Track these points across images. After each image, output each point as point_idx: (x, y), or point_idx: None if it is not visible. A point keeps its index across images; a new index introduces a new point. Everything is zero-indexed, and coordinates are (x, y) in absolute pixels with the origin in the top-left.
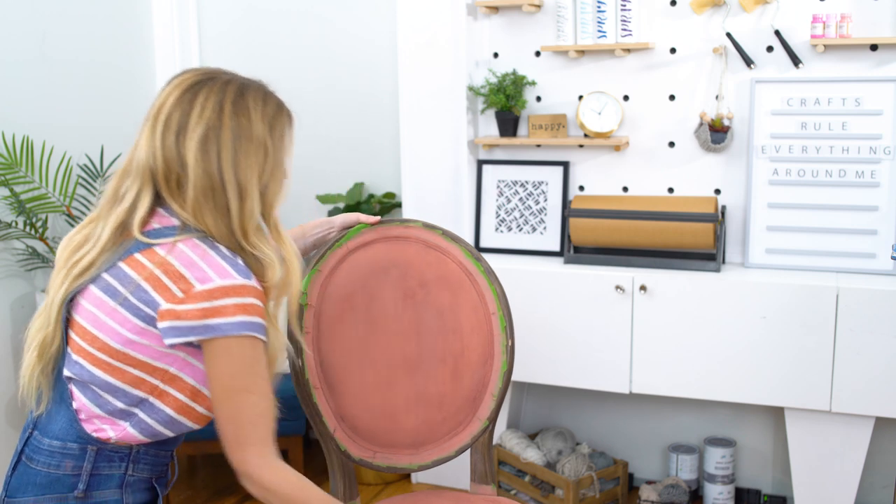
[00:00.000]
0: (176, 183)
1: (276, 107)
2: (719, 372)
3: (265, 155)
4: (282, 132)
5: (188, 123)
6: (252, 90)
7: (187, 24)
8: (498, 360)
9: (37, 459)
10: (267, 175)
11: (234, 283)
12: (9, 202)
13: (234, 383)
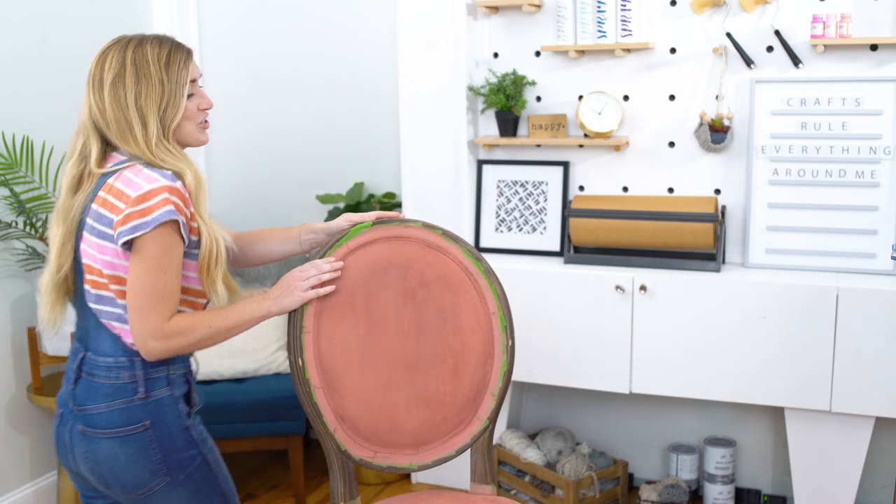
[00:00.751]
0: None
1: (169, 49)
2: (719, 372)
3: (162, 89)
4: (178, 68)
5: (103, 78)
6: (149, 40)
7: (187, 24)
8: (498, 359)
9: (97, 374)
10: (165, 103)
11: (157, 186)
12: (9, 202)
13: (154, 264)
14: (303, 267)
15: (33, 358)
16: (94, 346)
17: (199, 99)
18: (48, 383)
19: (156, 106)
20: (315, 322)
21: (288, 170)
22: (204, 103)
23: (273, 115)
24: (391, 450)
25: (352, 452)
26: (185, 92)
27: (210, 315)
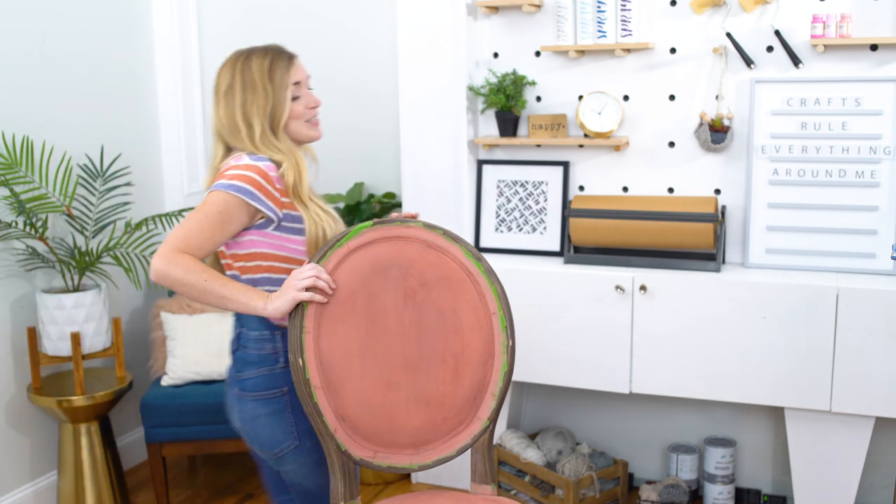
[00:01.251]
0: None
1: (272, 58)
2: (719, 372)
3: (264, 97)
4: (281, 74)
5: (218, 91)
6: (256, 52)
7: (187, 24)
8: (498, 359)
9: (249, 346)
10: (272, 104)
11: (243, 163)
12: (9, 202)
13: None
14: (301, 268)
15: (33, 358)
16: (246, 322)
17: (305, 99)
18: (48, 383)
19: (261, 111)
20: (315, 322)
21: None
22: (311, 102)
23: None
24: (391, 450)
25: (352, 452)
26: (288, 95)
27: (214, 275)
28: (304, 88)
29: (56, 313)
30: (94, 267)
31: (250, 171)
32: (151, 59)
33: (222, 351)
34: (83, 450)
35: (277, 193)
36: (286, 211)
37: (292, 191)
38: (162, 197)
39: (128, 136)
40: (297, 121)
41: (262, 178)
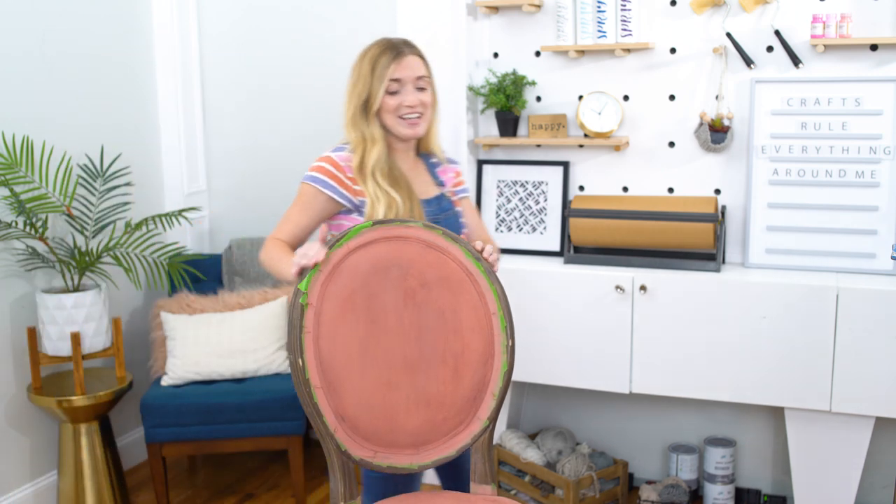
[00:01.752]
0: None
1: (381, 50)
2: (719, 372)
3: (363, 83)
4: (382, 67)
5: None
6: (377, 43)
7: (187, 24)
8: (498, 359)
9: None
10: (367, 92)
11: (323, 155)
12: (9, 202)
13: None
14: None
15: (33, 358)
16: None
17: (403, 97)
18: (48, 383)
19: (357, 96)
20: (315, 322)
21: (288, 170)
22: (408, 101)
23: (273, 115)
24: (391, 450)
25: (352, 452)
26: (382, 88)
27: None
28: (406, 86)
29: (56, 313)
30: (94, 267)
31: (324, 162)
32: (151, 59)
33: (222, 351)
34: (83, 450)
35: (349, 181)
36: (360, 198)
37: (357, 171)
38: (162, 197)
39: (128, 136)
40: (389, 115)
41: (334, 167)
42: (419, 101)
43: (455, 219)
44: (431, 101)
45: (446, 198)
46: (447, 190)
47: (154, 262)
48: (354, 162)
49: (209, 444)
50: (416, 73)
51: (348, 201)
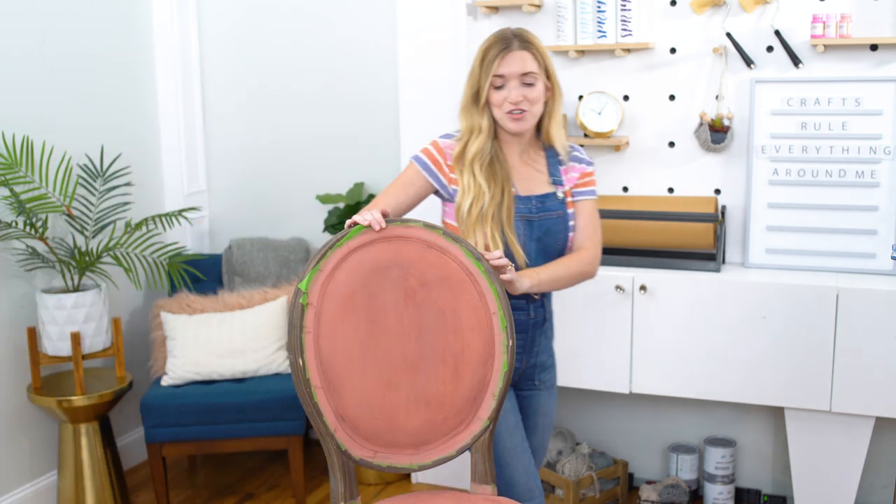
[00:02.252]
0: None
1: (491, 43)
2: (719, 372)
3: (474, 75)
4: (489, 61)
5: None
6: (494, 34)
7: (187, 24)
8: (499, 359)
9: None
10: (477, 84)
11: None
12: (9, 202)
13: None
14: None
15: (33, 358)
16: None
17: (505, 93)
18: (48, 383)
19: (469, 86)
20: (315, 322)
21: (288, 169)
22: (511, 97)
23: (273, 115)
24: (391, 450)
25: (352, 452)
26: (487, 81)
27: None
28: (510, 82)
29: (56, 313)
30: (94, 267)
31: (430, 145)
32: (151, 59)
33: (222, 351)
34: (83, 450)
35: (447, 169)
36: (454, 187)
37: (456, 159)
38: (162, 197)
39: (128, 136)
40: (496, 109)
41: (437, 152)
42: (523, 96)
43: (559, 221)
44: (540, 96)
45: (556, 197)
46: (563, 189)
47: (154, 262)
48: (456, 150)
49: (209, 444)
50: (522, 69)
51: (443, 188)
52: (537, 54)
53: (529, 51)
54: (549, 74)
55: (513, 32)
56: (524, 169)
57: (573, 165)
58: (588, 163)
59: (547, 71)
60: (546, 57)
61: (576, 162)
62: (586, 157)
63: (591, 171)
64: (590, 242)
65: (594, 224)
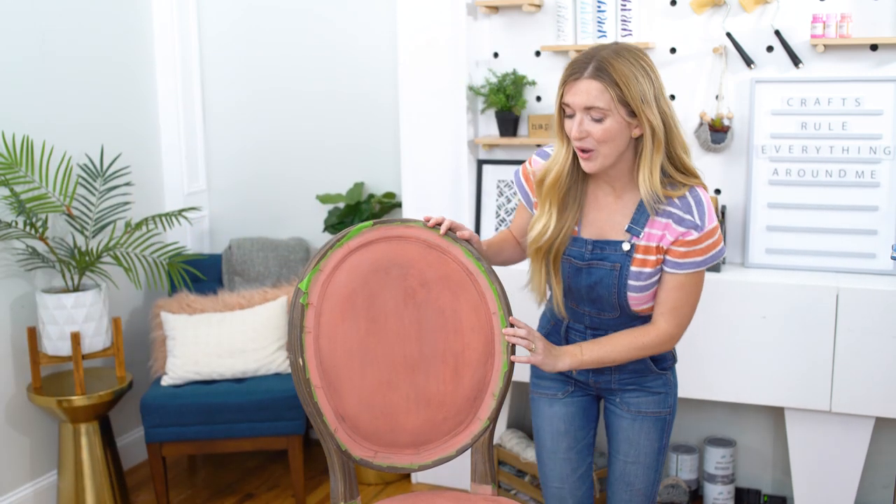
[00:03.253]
0: None
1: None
2: (719, 372)
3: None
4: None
5: None
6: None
7: (187, 24)
8: (499, 359)
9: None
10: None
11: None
12: (9, 202)
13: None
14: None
15: (33, 358)
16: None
17: (571, 124)
18: (48, 383)
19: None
20: (315, 322)
21: (288, 169)
22: (573, 133)
23: (273, 115)
24: (391, 450)
25: (352, 452)
26: (556, 107)
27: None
28: (577, 113)
29: (56, 313)
30: (94, 267)
31: (526, 161)
32: (151, 59)
33: (222, 351)
34: (83, 450)
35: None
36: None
37: (537, 183)
38: (162, 197)
39: (128, 136)
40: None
41: (526, 169)
42: (586, 132)
43: (611, 274)
44: (612, 136)
45: (620, 248)
46: (639, 243)
47: (154, 261)
48: (538, 175)
49: (209, 444)
50: (586, 103)
51: (529, 206)
52: (614, 87)
53: (602, 81)
54: (637, 110)
55: (594, 56)
56: (605, 209)
57: (667, 223)
58: (693, 226)
59: (632, 106)
60: (630, 90)
61: (673, 221)
62: (692, 219)
63: (697, 237)
64: (664, 319)
65: (679, 299)
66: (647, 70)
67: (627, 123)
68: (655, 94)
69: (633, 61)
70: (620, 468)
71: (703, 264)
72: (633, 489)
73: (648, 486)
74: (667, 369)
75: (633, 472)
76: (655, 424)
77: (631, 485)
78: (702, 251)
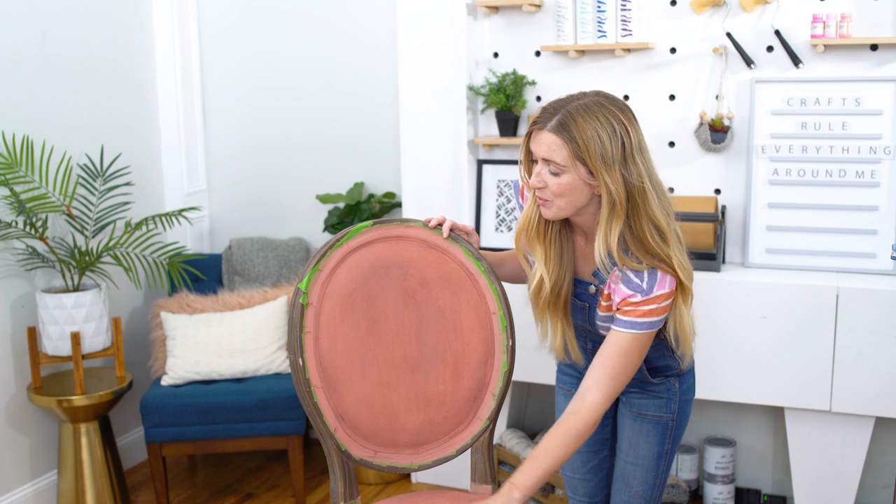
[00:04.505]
0: None
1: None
2: (719, 372)
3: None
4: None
5: None
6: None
7: (187, 24)
8: (499, 359)
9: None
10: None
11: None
12: (9, 202)
13: None
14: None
15: (33, 358)
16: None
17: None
18: (48, 383)
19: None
20: (315, 322)
21: (288, 169)
22: (532, 181)
23: (273, 115)
24: (391, 449)
25: (352, 452)
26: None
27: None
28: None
29: (56, 313)
30: (94, 267)
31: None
32: (151, 59)
33: (222, 351)
34: (83, 450)
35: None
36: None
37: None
38: (162, 197)
39: (128, 136)
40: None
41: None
42: (544, 183)
43: (585, 312)
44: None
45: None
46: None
47: (154, 261)
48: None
49: (209, 444)
50: (544, 155)
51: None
52: (572, 144)
53: (561, 137)
54: (595, 172)
55: (563, 107)
56: (579, 251)
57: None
58: (639, 290)
59: (591, 168)
60: (589, 149)
61: (622, 280)
62: (639, 284)
63: (639, 300)
64: (596, 390)
65: (618, 366)
66: (619, 130)
67: (586, 182)
68: (625, 156)
69: (603, 119)
70: (621, 467)
71: (637, 327)
72: (631, 490)
73: (647, 488)
74: (669, 377)
75: (631, 473)
76: (656, 428)
77: (629, 485)
78: (640, 314)
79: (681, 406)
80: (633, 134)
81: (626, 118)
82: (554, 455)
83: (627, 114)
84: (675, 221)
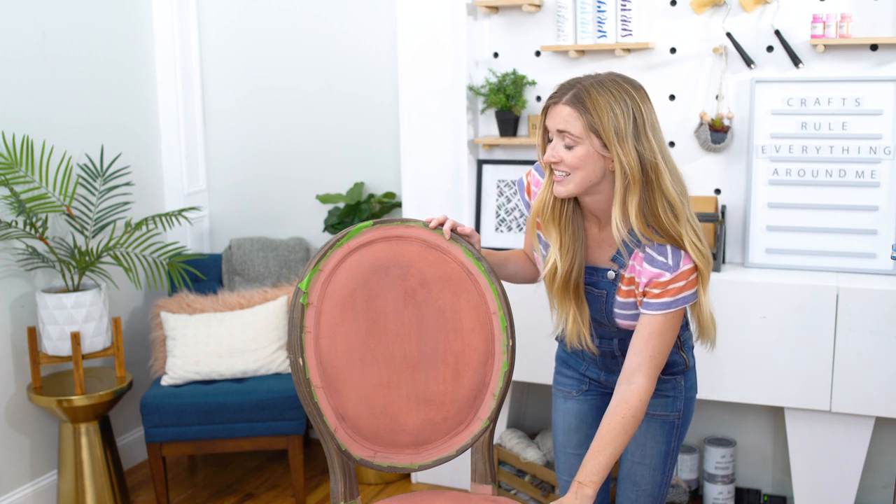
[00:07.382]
0: None
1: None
2: (719, 372)
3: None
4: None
5: None
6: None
7: (187, 24)
8: (499, 359)
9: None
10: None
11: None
12: (9, 202)
13: None
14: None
15: (33, 358)
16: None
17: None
18: (48, 383)
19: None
20: (315, 322)
21: (288, 169)
22: (547, 153)
23: (273, 115)
24: (391, 449)
25: (352, 452)
26: (539, 131)
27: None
28: (555, 137)
29: (56, 313)
30: (94, 267)
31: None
32: (151, 59)
33: (222, 351)
34: (83, 450)
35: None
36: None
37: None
38: (162, 197)
39: (128, 136)
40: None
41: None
42: (559, 157)
43: (602, 301)
44: (583, 163)
45: (609, 280)
46: (624, 274)
47: (154, 261)
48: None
49: (209, 444)
50: (559, 126)
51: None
52: (586, 115)
53: (576, 108)
54: (609, 143)
55: (577, 82)
56: (593, 239)
57: (642, 258)
58: (665, 268)
59: (605, 140)
60: (602, 120)
61: (646, 260)
62: (665, 261)
63: (668, 279)
64: (642, 374)
65: (657, 347)
66: (632, 105)
67: (601, 155)
68: (637, 131)
69: (616, 93)
70: (628, 467)
71: (673, 305)
72: (639, 489)
73: (655, 487)
74: (676, 374)
75: (639, 473)
76: (663, 427)
77: (637, 485)
78: (672, 292)
79: (685, 403)
80: (645, 112)
81: (639, 96)
82: (614, 445)
83: (641, 93)
84: (690, 206)
